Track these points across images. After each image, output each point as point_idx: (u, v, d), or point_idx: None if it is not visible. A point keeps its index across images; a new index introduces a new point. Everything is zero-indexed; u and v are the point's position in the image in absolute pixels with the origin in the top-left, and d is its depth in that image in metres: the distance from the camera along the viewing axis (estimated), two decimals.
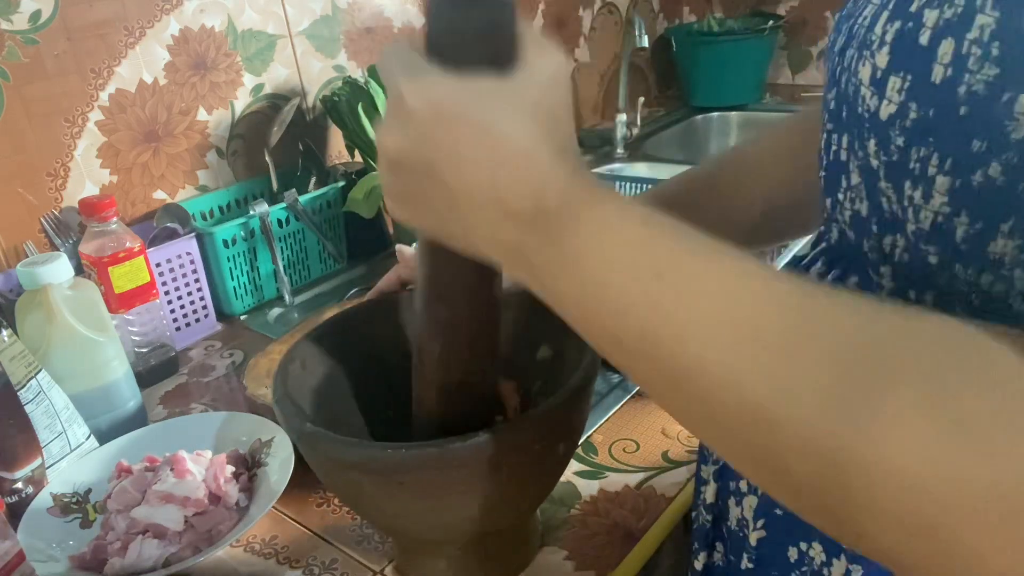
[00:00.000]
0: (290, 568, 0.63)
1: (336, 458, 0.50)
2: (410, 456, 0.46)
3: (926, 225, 0.35)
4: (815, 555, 0.43)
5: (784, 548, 0.45)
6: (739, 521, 0.49)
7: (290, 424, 0.51)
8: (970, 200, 0.33)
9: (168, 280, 0.97)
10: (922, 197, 0.35)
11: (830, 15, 1.74)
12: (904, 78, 0.34)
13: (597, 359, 0.53)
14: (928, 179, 0.34)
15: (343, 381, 0.60)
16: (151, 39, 1.01)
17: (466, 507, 0.50)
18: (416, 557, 0.60)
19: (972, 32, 0.31)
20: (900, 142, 0.35)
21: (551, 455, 0.52)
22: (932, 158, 0.34)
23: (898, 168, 0.35)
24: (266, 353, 0.81)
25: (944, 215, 0.34)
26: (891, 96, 0.35)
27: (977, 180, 0.32)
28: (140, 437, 0.75)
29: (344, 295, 1.07)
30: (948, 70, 0.32)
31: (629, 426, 0.75)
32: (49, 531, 0.65)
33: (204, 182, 1.11)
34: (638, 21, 1.45)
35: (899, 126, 0.35)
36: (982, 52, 0.31)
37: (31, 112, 0.92)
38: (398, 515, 0.52)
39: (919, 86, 0.34)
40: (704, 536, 0.53)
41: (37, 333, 0.74)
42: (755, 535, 0.47)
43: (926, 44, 0.33)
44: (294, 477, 0.64)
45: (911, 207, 0.35)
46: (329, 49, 1.22)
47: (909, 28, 0.34)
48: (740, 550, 0.48)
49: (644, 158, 1.54)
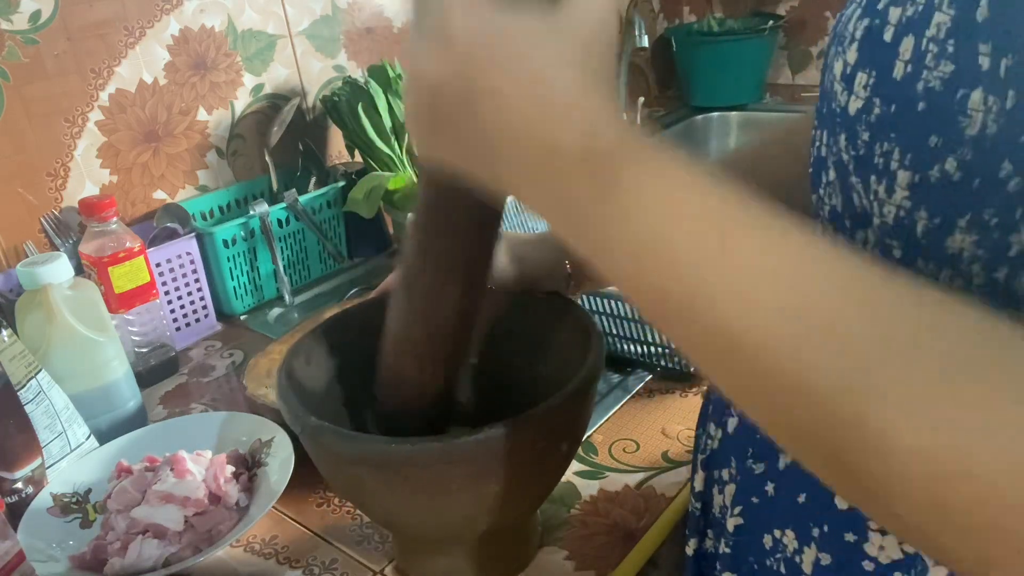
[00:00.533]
0: (290, 568, 0.63)
1: (339, 452, 0.50)
2: (414, 450, 0.46)
3: (890, 219, 0.35)
4: (788, 542, 0.43)
5: (759, 535, 0.45)
6: (721, 508, 0.49)
7: (294, 418, 0.51)
8: (929, 195, 0.33)
9: (168, 280, 0.97)
10: (886, 191, 0.35)
11: (830, 15, 1.73)
12: (870, 74, 0.35)
13: (600, 359, 0.53)
14: (891, 173, 0.34)
15: (347, 377, 0.60)
16: (151, 39, 1.01)
17: (467, 504, 0.50)
18: (416, 556, 0.60)
19: (930, 29, 0.32)
20: (866, 137, 0.35)
21: (554, 453, 0.53)
22: (894, 152, 0.34)
23: (865, 162, 0.36)
24: (266, 353, 0.81)
25: (906, 209, 0.34)
26: (858, 92, 0.35)
27: (935, 175, 0.32)
28: (140, 437, 0.75)
29: (344, 295, 1.07)
30: (908, 67, 0.33)
31: (629, 426, 0.75)
32: (49, 531, 0.65)
33: (204, 182, 1.11)
34: (638, 21, 1.45)
35: (865, 121, 0.35)
36: (938, 49, 0.31)
37: (31, 112, 0.92)
38: (399, 511, 0.52)
39: (882, 82, 0.34)
40: (696, 523, 0.54)
41: (37, 333, 0.74)
42: (732, 521, 0.47)
43: (889, 41, 0.34)
44: (294, 477, 0.65)
45: (876, 201, 0.36)
46: (329, 49, 1.22)
47: (876, 25, 0.35)
48: (720, 536, 0.49)
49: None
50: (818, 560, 0.41)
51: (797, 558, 0.42)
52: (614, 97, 0.33)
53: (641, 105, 1.59)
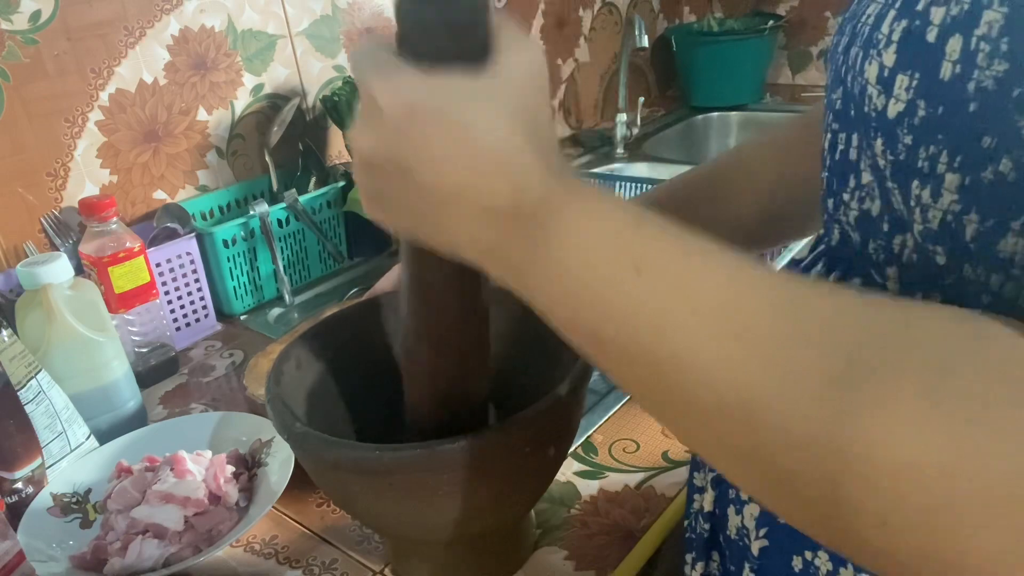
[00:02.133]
0: (290, 568, 0.63)
1: (324, 458, 0.50)
2: (398, 457, 0.46)
3: (934, 224, 0.35)
4: (821, 564, 0.42)
5: (788, 557, 0.44)
6: (739, 530, 0.48)
7: (281, 424, 0.51)
8: (981, 197, 0.33)
9: (168, 280, 0.97)
10: (931, 196, 0.34)
11: (830, 15, 1.74)
12: (912, 76, 0.34)
13: (589, 364, 0.52)
14: (937, 177, 0.34)
15: (339, 380, 0.60)
16: (151, 39, 1.01)
17: (453, 509, 0.50)
18: (408, 557, 0.60)
19: (980, 28, 0.31)
20: (908, 140, 0.35)
21: (540, 459, 0.52)
22: (941, 156, 0.33)
23: (905, 167, 0.35)
24: (266, 353, 0.81)
25: (954, 214, 0.34)
26: (899, 94, 0.35)
27: (988, 177, 0.32)
28: (140, 437, 0.75)
29: (344, 295, 1.07)
30: (957, 67, 0.32)
31: (629, 426, 0.75)
32: (49, 531, 0.65)
33: (204, 182, 1.11)
34: (638, 21, 1.45)
35: (907, 124, 0.35)
36: (991, 48, 0.31)
37: (31, 112, 0.92)
38: (386, 515, 0.52)
39: (927, 84, 0.33)
40: (702, 545, 0.52)
41: (37, 333, 0.74)
42: (757, 544, 0.46)
43: (933, 41, 0.33)
44: (294, 477, 0.64)
45: (918, 207, 0.35)
46: (329, 49, 1.22)
47: (916, 26, 0.34)
48: (741, 560, 0.48)
49: (644, 158, 1.54)
50: None
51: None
52: (547, 149, 0.33)
53: (641, 105, 1.59)
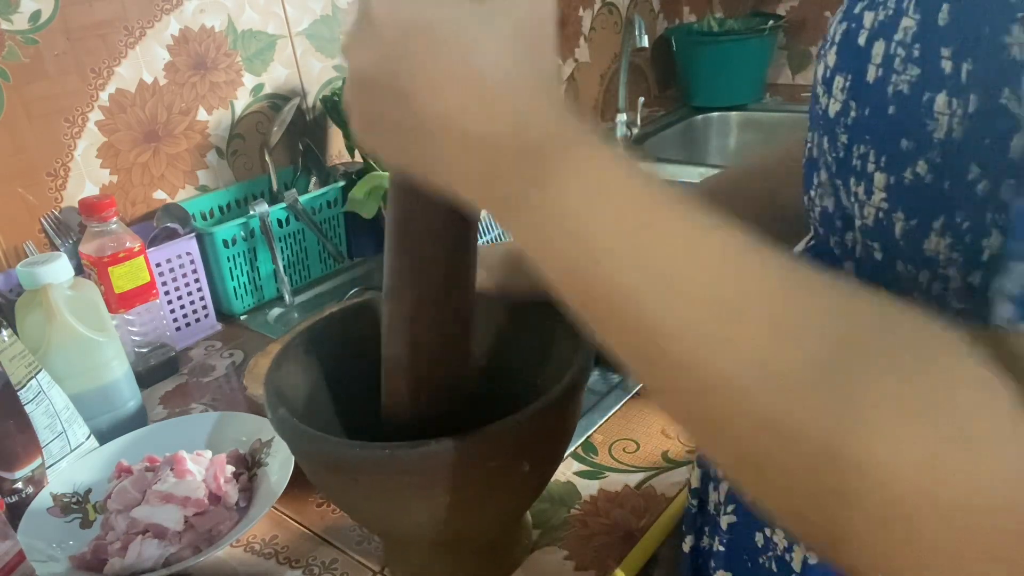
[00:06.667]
0: (290, 568, 0.63)
1: (299, 448, 0.51)
2: (360, 456, 0.46)
3: (870, 221, 0.36)
4: (778, 541, 0.43)
5: (751, 533, 0.45)
6: (716, 505, 0.49)
7: (268, 406, 0.52)
8: (904, 197, 0.33)
9: (168, 280, 0.97)
10: (865, 193, 0.35)
11: (830, 15, 1.73)
12: (846, 77, 0.35)
13: (576, 380, 0.49)
14: (868, 175, 0.35)
15: (337, 379, 0.60)
16: (151, 39, 1.01)
17: (417, 513, 0.49)
18: (395, 555, 0.61)
19: (898, 34, 0.32)
20: (844, 139, 0.36)
21: (512, 473, 0.50)
22: (870, 155, 0.34)
23: (845, 164, 0.36)
24: (266, 353, 0.81)
25: (884, 211, 0.35)
26: (836, 95, 0.36)
27: (908, 178, 0.33)
28: (140, 437, 0.75)
29: (344, 295, 1.07)
30: (879, 70, 0.33)
31: (629, 426, 0.75)
32: (49, 531, 0.65)
33: (204, 182, 1.11)
34: (638, 21, 1.45)
35: (843, 124, 0.36)
36: (906, 53, 0.32)
37: (31, 112, 0.92)
38: (358, 510, 0.53)
39: (857, 86, 0.34)
40: (692, 520, 0.53)
41: (37, 333, 0.74)
42: (726, 519, 0.47)
43: (863, 45, 0.34)
44: (294, 477, 0.64)
45: (856, 203, 0.36)
46: (329, 49, 1.21)
47: (852, 29, 0.35)
48: (715, 534, 0.49)
49: (644, 158, 1.54)
50: (806, 559, 0.41)
51: (787, 556, 0.43)
52: (551, 84, 0.32)
53: (641, 105, 1.59)
